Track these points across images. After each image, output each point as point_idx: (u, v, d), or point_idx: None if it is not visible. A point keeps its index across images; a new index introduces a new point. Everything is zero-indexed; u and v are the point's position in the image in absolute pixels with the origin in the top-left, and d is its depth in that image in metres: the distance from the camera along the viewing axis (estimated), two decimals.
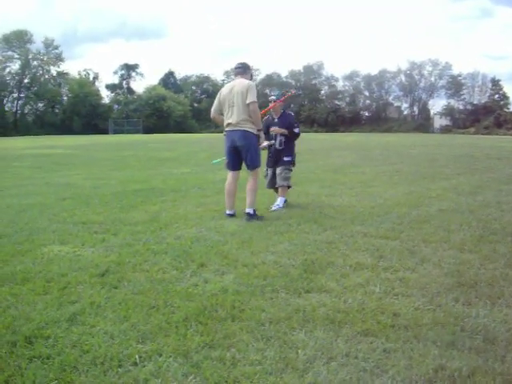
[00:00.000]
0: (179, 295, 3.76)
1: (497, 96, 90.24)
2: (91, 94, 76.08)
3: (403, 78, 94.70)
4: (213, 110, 7.14)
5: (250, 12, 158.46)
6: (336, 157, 18.15)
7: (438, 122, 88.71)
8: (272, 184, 7.97)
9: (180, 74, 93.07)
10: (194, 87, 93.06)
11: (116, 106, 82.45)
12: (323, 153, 21.21)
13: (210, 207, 7.55)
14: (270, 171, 7.94)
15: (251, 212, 6.78)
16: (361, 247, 5.18)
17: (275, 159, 7.79)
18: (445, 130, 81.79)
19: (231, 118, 6.81)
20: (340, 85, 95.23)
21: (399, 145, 30.25)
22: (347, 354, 2.87)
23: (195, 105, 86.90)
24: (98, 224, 6.34)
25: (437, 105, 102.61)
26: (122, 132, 67.79)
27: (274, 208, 7.54)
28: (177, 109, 77.41)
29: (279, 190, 7.81)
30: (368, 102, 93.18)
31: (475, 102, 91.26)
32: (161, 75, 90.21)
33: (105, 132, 67.50)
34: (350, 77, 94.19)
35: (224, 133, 7.06)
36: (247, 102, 6.66)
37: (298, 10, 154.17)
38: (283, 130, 7.68)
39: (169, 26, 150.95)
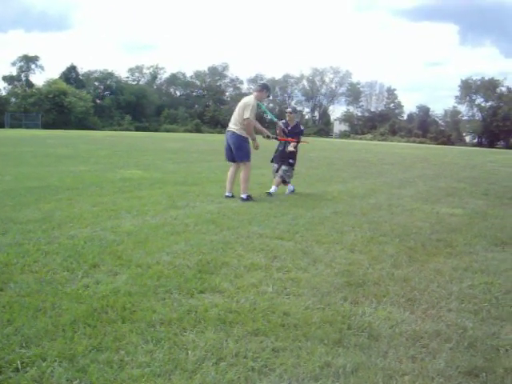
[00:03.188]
0: (68, 297, 3.63)
1: (392, 105, 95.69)
2: None
3: (305, 84, 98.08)
4: None
5: (157, 9, 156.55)
6: None
7: (338, 127, 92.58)
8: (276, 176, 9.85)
9: (82, 69, 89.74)
10: (96, 83, 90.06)
11: (13, 99, 78.18)
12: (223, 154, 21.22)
13: (107, 206, 7.35)
14: (275, 166, 9.87)
15: (244, 197, 8.48)
16: (256, 248, 5.26)
17: (282, 158, 9.72)
18: (344, 135, 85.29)
19: (230, 121, 8.77)
20: (245, 87, 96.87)
21: (299, 148, 30.97)
22: (237, 354, 2.90)
23: (98, 101, 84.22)
24: None
25: (337, 111, 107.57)
26: (19, 126, 64.53)
27: (287, 193, 9.76)
28: (78, 104, 74.56)
29: (281, 181, 9.72)
30: (271, 105, 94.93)
31: (372, 110, 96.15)
32: (62, 69, 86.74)
33: (0, 126, 63.98)
34: (254, 80, 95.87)
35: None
36: (243, 117, 8.43)
37: (203, 9, 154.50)
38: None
39: (72, 18, 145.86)
